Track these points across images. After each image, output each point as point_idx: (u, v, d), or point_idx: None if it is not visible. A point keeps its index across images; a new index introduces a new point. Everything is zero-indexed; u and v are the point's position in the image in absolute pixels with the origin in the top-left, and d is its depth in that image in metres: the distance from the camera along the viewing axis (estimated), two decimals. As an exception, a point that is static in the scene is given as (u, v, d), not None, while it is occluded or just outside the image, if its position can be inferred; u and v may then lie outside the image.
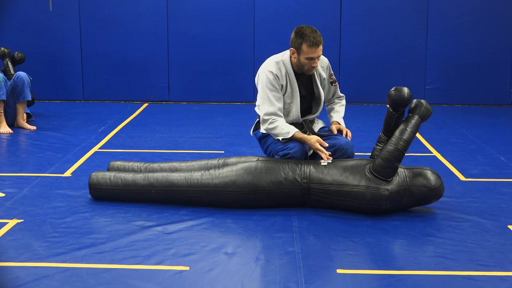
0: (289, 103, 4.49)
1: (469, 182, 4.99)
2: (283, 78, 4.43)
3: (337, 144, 4.39)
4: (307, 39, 4.28)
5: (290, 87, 4.46)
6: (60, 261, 3.36)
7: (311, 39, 4.28)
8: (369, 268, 3.35)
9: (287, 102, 4.48)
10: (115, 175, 4.37)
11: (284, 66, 4.44)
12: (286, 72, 4.44)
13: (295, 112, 4.51)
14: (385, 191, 4.02)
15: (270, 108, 4.40)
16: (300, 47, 4.31)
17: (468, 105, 8.91)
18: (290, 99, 4.48)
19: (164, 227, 3.90)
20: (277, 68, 4.43)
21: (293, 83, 4.46)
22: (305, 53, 4.30)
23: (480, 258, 3.47)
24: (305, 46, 4.29)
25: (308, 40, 4.28)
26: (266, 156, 4.49)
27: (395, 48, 8.86)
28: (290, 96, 4.48)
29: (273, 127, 4.38)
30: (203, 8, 8.84)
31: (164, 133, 6.83)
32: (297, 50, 4.34)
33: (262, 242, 3.70)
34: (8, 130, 6.70)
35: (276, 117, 4.39)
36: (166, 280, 3.16)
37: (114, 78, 8.99)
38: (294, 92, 4.47)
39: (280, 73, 4.43)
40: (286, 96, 4.47)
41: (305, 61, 4.34)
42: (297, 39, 4.33)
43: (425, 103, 4.18)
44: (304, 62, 4.35)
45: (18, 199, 4.42)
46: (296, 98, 4.48)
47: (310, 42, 4.28)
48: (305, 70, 4.40)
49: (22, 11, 8.77)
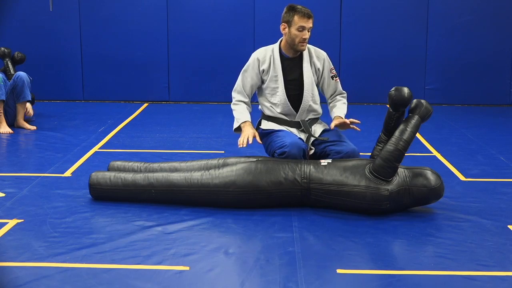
0: (275, 88, 4.54)
1: (469, 182, 4.99)
2: (266, 60, 4.54)
3: (343, 151, 4.38)
4: (299, 10, 4.44)
5: (273, 70, 4.53)
6: (60, 261, 3.36)
7: (302, 10, 4.44)
8: (369, 268, 3.35)
9: (271, 87, 4.56)
10: (115, 175, 4.37)
11: (272, 51, 4.57)
12: (272, 55, 4.55)
13: (282, 96, 4.53)
14: (385, 191, 4.02)
15: (237, 87, 4.68)
16: (291, 19, 4.45)
17: (468, 105, 8.91)
18: (275, 83, 4.54)
19: (164, 227, 3.90)
20: (263, 51, 4.59)
21: (277, 66, 4.53)
22: (296, 23, 4.42)
23: (480, 258, 3.47)
24: (297, 17, 4.43)
25: (300, 11, 4.44)
26: (266, 156, 4.48)
27: (395, 48, 8.86)
28: (275, 80, 4.54)
29: (233, 109, 4.70)
30: (203, 8, 8.84)
31: (164, 133, 6.83)
32: (288, 23, 4.47)
33: (262, 242, 3.70)
34: (8, 130, 6.70)
35: (241, 99, 4.65)
36: (166, 280, 3.16)
37: (114, 78, 8.99)
38: (279, 75, 4.53)
39: (264, 56, 4.56)
40: (270, 80, 4.55)
41: (296, 32, 4.43)
42: (289, 12, 4.48)
43: (425, 103, 4.18)
44: (296, 34, 4.43)
45: (18, 199, 4.42)
46: (280, 82, 4.53)
47: (301, 13, 4.43)
48: (296, 44, 4.47)
49: (22, 11, 8.77)
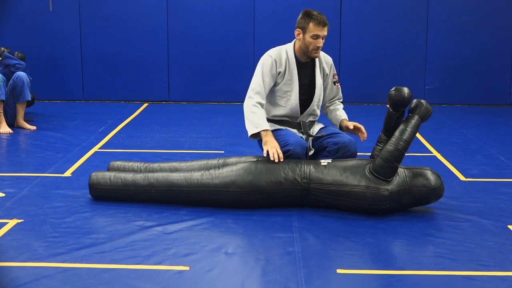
0: (288, 92, 4.49)
1: (469, 182, 4.99)
2: (282, 63, 4.48)
3: (340, 142, 4.39)
4: (314, 18, 4.39)
5: (289, 74, 4.49)
6: (60, 261, 3.36)
7: (318, 18, 4.39)
8: (369, 268, 3.35)
9: (284, 90, 4.50)
10: (115, 175, 4.37)
11: (286, 53, 4.51)
12: (287, 58, 4.49)
13: (294, 101, 4.50)
14: (385, 191, 4.02)
15: (258, 87, 4.43)
16: (306, 26, 4.39)
17: (468, 105, 8.91)
18: (289, 87, 4.49)
19: (164, 227, 3.90)
20: (278, 53, 4.50)
21: (292, 70, 4.49)
22: (311, 30, 4.37)
23: (480, 258, 3.47)
24: (312, 24, 4.37)
25: (315, 19, 4.38)
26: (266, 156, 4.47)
27: (395, 48, 8.86)
28: (289, 84, 4.49)
29: (253, 111, 4.37)
30: (203, 8, 8.84)
31: (164, 133, 6.83)
32: (303, 30, 4.41)
33: (262, 242, 3.70)
34: (8, 130, 6.70)
35: (261, 101, 4.41)
36: (166, 280, 3.16)
37: (114, 78, 8.99)
38: (294, 79, 4.49)
39: (280, 58, 4.48)
40: (284, 84, 4.49)
41: (311, 40, 4.39)
42: (305, 18, 4.42)
43: (425, 103, 4.18)
44: (309, 41, 4.40)
45: (18, 199, 4.42)
46: (295, 86, 4.49)
47: (317, 21, 4.38)
48: (309, 51, 4.44)
49: (22, 11, 8.77)
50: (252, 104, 4.40)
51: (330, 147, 4.40)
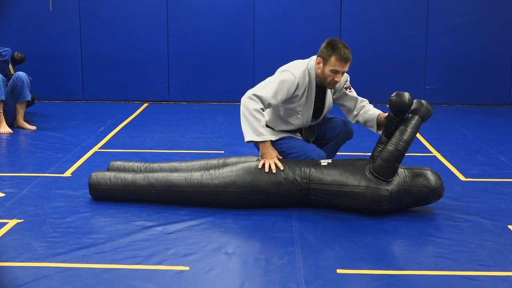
0: (300, 111, 4.43)
1: (469, 182, 4.99)
2: (303, 87, 4.34)
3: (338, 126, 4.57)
4: (338, 52, 4.23)
5: (306, 98, 4.39)
6: (60, 261, 3.36)
7: (341, 53, 4.23)
8: (369, 268, 3.35)
9: (297, 110, 4.41)
10: (115, 175, 4.36)
11: (309, 76, 4.35)
12: (309, 82, 4.36)
13: (306, 119, 4.47)
14: (385, 192, 4.02)
15: (267, 97, 4.20)
16: (328, 58, 4.25)
17: (468, 105, 8.91)
18: (302, 107, 4.42)
19: (164, 227, 3.90)
20: (302, 76, 4.33)
21: (311, 94, 4.38)
22: (332, 65, 4.24)
23: (480, 258, 3.47)
24: (334, 58, 4.23)
25: (338, 54, 4.23)
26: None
27: (395, 48, 8.86)
28: (304, 105, 4.40)
29: (257, 118, 4.20)
30: (203, 8, 8.83)
31: (164, 133, 6.83)
32: (324, 61, 4.27)
33: (262, 242, 3.70)
34: (8, 130, 6.70)
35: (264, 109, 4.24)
36: (166, 280, 3.16)
37: (114, 78, 8.99)
38: (309, 102, 4.41)
39: (303, 82, 4.33)
40: (299, 105, 4.39)
41: (330, 73, 4.27)
42: (328, 50, 4.26)
43: (425, 104, 4.17)
44: (328, 74, 4.27)
45: (18, 199, 4.42)
46: (309, 109, 4.42)
47: (340, 56, 4.23)
48: (326, 82, 4.33)
49: (22, 11, 8.77)
50: (256, 109, 4.20)
51: (331, 132, 4.52)
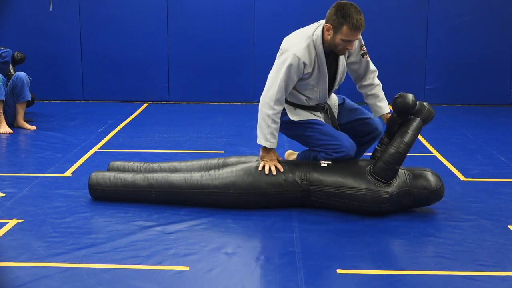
0: (315, 84, 4.09)
1: (469, 182, 4.99)
2: (311, 62, 3.98)
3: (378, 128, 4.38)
4: (350, 20, 3.82)
5: (317, 70, 4.03)
6: (60, 261, 3.36)
7: (353, 21, 3.81)
8: (369, 268, 3.35)
9: (311, 84, 4.08)
10: (114, 175, 4.36)
11: (314, 49, 3.97)
12: (316, 55, 3.98)
13: (323, 94, 4.16)
14: (385, 194, 4.01)
15: (279, 94, 4.00)
16: (339, 27, 3.85)
17: (468, 105, 8.90)
18: (315, 81, 4.07)
19: (164, 227, 3.90)
20: (307, 52, 3.96)
21: (322, 65, 4.02)
22: (344, 35, 3.86)
23: (480, 258, 3.47)
24: (346, 28, 3.84)
25: (350, 22, 3.81)
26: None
27: (395, 48, 8.85)
28: (317, 78, 4.06)
29: (274, 120, 4.05)
30: (203, 8, 8.83)
31: (164, 133, 6.83)
32: (335, 29, 3.88)
33: (262, 242, 3.70)
34: (8, 130, 6.70)
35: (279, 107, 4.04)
36: (166, 280, 3.16)
37: (114, 78, 8.99)
38: (322, 74, 4.06)
39: (310, 58, 3.96)
40: (313, 79, 4.06)
41: (341, 42, 3.90)
42: (338, 17, 3.85)
43: (427, 106, 4.16)
44: (339, 43, 3.91)
45: (18, 199, 4.42)
46: (324, 80, 4.08)
47: (352, 25, 3.82)
48: (337, 50, 3.98)
49: (22, 11, 8.77)
50: (272, 115, 4.02)
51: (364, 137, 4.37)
